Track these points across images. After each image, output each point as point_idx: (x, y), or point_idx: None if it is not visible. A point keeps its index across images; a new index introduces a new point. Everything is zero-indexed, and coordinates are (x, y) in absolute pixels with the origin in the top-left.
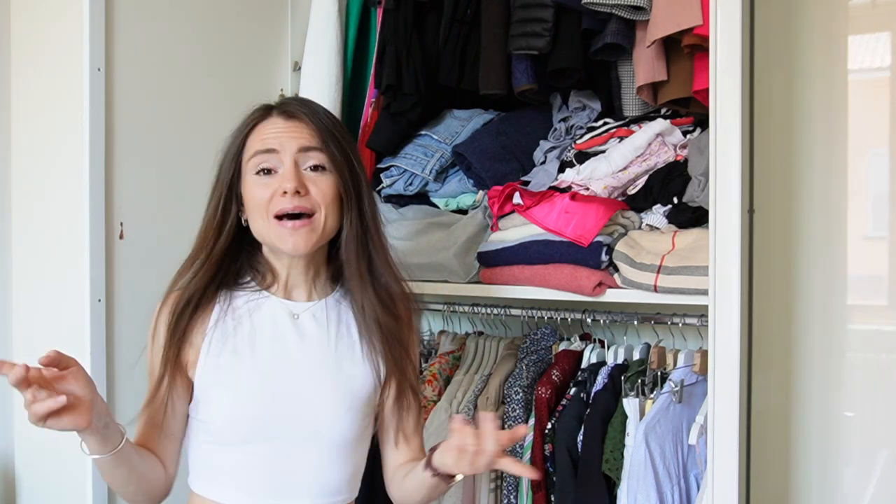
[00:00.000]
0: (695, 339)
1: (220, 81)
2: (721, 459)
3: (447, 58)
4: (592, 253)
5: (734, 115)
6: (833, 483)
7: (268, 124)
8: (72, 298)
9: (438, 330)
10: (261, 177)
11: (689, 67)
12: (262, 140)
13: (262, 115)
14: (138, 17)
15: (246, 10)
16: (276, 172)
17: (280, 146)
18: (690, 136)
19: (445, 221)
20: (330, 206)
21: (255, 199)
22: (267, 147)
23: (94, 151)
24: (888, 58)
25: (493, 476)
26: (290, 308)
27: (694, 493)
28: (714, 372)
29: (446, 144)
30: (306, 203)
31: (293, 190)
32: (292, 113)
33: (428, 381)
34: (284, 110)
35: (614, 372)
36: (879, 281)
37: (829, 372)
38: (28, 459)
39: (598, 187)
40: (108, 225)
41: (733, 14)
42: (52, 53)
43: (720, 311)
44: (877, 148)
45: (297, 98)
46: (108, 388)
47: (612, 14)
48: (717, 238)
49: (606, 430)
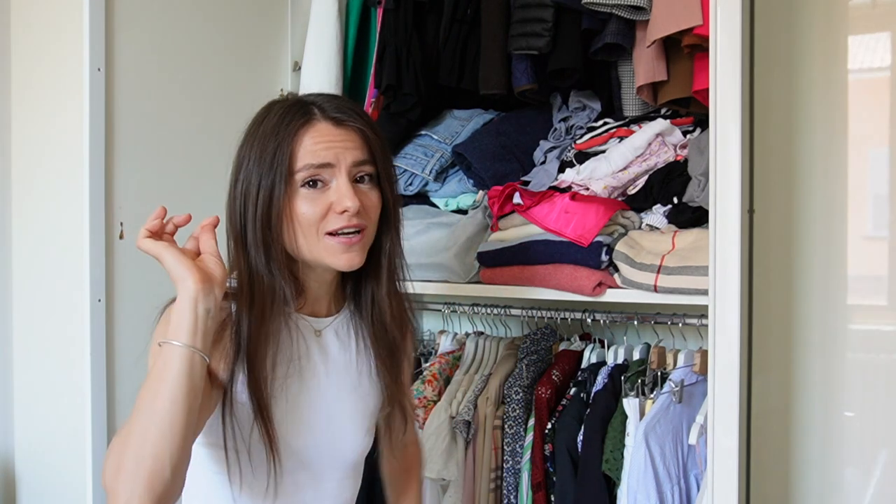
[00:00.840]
0: (695, 339)
1: (220, 81)
2: (721, 459)
3: (447, 58)
4: (592, 253)
5: (734, 115)
6: (833, 483)
7: (316, 132)
8: (72, 298)
9: (438, 330)
10: (309, 190)
11: (689, 67)
12: (313, 152)
13: (307, 118)
14: (138, 17)
15: (246, 10)
16: (328, 186)
17: (336, 160)
18: (690, 136)
19: (445, 221)
20: (376, 220)
21: (304, 216)
22: (322, 161)
23: (94, 151)
24: (888, 58)
25: (493, 476)
26: (313, 325)
27: (694, 493)
28: (714, 372)
29: (446, 144)
30: (362, 220)
31: (354, 211)
32: (342, 120)
33: (428, 381)
34: (333, 116)
35: (614, 372)
36: (879, 281)
37: (829, 372)
38: (28, 459)
39: (598, 187)
40: (108, 225)
41: (733, 14)
42: (52, 53)
43: (720, 311)
44: (877, 148)
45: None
46: (108, 389)
47: (612, 14)
48: (717, 238)
49: (606, 430)
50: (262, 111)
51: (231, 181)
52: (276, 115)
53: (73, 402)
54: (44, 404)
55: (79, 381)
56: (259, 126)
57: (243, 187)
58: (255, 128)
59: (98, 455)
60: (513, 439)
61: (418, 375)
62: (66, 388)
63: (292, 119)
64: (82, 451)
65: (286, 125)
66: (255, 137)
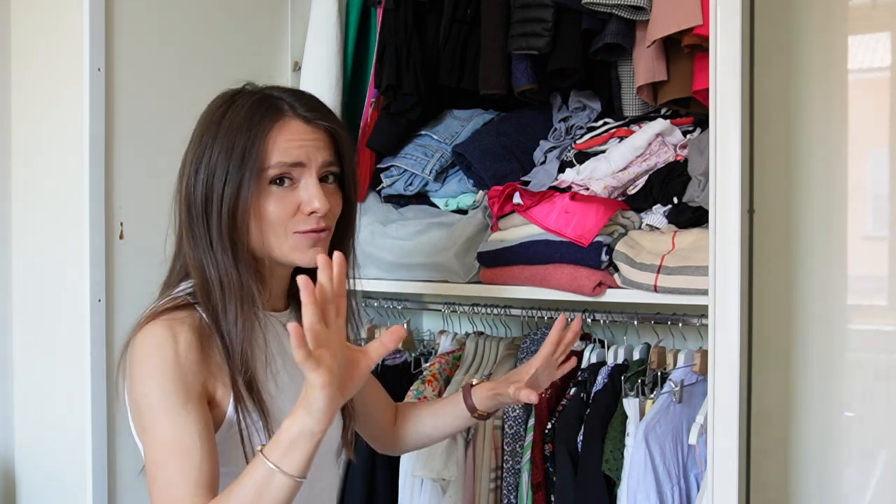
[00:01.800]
0: (695, 339)
1: (220, 81)
2: (721, 459)
3: (447, 58)
4: (592, 253)
5: (734, 115)
6: (833, 483)
7: (289, 130)
8: (72, 298)
9: (438, 330)
10: (278, 188)
11: (689, 67)
12: (286, 150)
13: (279, 115)
14: (138, 17)
15: (246, 10)
16: (296, 185)
17: (307, 159)
18: (690, 136)
19: (445, 221)
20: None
21: (273, 214)
22: (295, 160)
23: (94, 151)
24: (888, 58)
25: (493, 476)
26: (280, 319)
27: (694, 493)
28: (714, 372)
29: (446, 144)
30: (329, 221)
31: (323, 212)
32: (312, 119)
33: (428, 381)
34: (304, 115)
35: (614, 372)
36: (879, 281)
37: (829, 372)
38: (28, 459)
39: (598, 187)
40: (108, 225)
41: (733, 14)
42: (53, 54)
43: (720, 311)
44: (877, 148)
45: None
46: (108, 389)
47: (612, 14)
48: (717, 238)
49: (606, 430)
50: (223, 101)
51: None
52: (244, 108)
53: (73, 403)
54: (44, 404)
55: (79, 381)
56: (223, 117)
57: (205, 181)
58: (218, 118)
59: (98, 455)
60: (513, 439)
61: (418, 375)
62: (66, 388)
63: (264, 115)
64: (82, 451)
65: (258, 121)
66: (220, 129)
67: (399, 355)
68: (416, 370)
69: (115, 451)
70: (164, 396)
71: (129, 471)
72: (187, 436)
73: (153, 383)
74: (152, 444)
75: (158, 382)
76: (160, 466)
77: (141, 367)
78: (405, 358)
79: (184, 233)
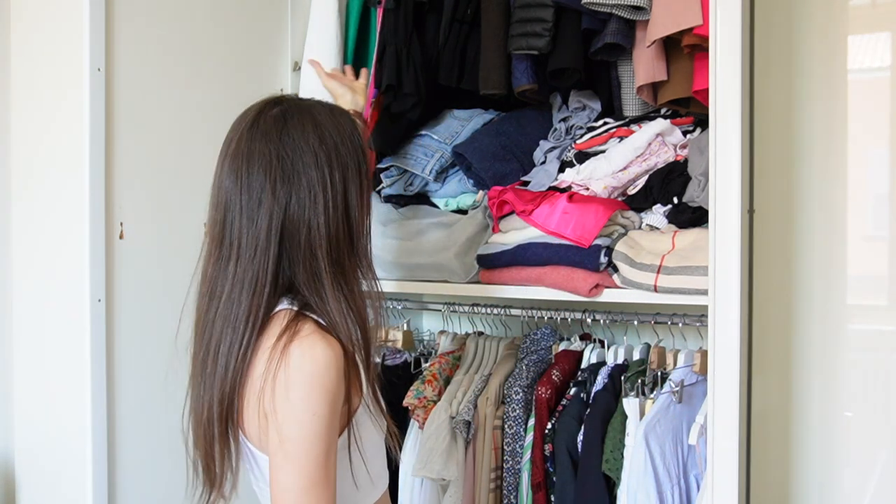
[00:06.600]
0: (695, 339)
1: (220, 81)
2: (721, 459)
3: (447, 58)
4: (591, 255)
5: (734, 115)
6: (833, 483)
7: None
8: (72, 298)
9: (438, 330)
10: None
11: (689, 67)
12: (370, 158)
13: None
14: (138, 17)
15: (246, 10)
16: None
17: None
18: (690, 136)
19: (445, 221)
20: None
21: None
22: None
23: (94, 151)
24: (888, 58)
25: (494, 476)
26: None
27: (694, 493)
28: (714, 372)
29: (446, 144)
30: None
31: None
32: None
33: (428, 381)
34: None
35: (614, 372)
36: (879, 281)
37: (829, 372)
38: (28, 459)
39: (598, 187)
40: (108, 225)
41: (733, 14)
42: (52, 54)
43: (720, 311)
44: (877, 148)
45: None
46: (108, 389)
47: (612, 14)
48: (717, 238)
49: (606, 430)
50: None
51: (319, 201)
52: (346, 122)
53: (73, 403)
54: (44, 405)
55: (79, 381)
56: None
57: (343, 208)
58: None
59: (98, 455)
60: (513, 439)
61: (418, 375)
62: (66, 389)
63: (354, 128)
64: (82, 451)
65: (359, 136)
66: (342, 142)
67: (399, 355)
68: (416, 370)
69: (115, 451)
70: (331, 419)
71: (129, 471)
72: (333, 468)
73: (323, 403)
74: (303, 462)
75: (329, 403)
76: (305, 492)
77: (311, 384)
78: (405, 358)
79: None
